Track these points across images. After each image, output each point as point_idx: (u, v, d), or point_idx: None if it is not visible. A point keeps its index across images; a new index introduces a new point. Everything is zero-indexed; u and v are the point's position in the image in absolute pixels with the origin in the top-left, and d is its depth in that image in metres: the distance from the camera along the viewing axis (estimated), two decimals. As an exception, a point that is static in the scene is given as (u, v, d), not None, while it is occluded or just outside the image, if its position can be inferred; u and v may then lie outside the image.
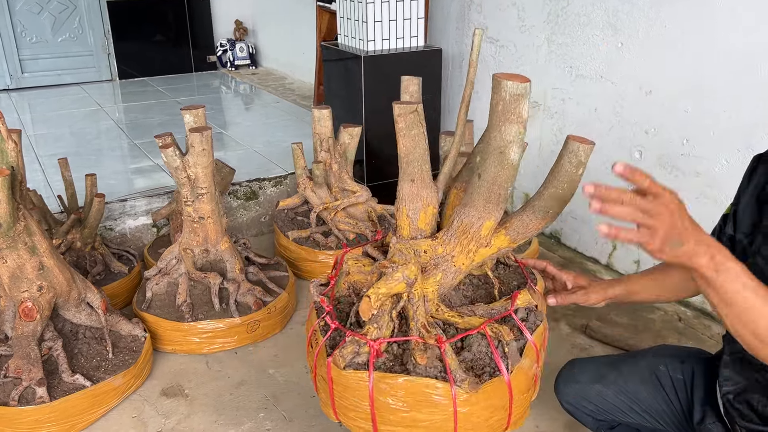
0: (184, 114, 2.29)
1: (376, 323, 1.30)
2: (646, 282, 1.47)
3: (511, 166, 1.23)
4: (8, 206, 1.78)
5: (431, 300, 1.35)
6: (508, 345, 1.31)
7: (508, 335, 1.30)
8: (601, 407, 1.51)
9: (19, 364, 1.92)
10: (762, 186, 1.28)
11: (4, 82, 5.71)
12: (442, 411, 1.26)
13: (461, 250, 1.32)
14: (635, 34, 2.66)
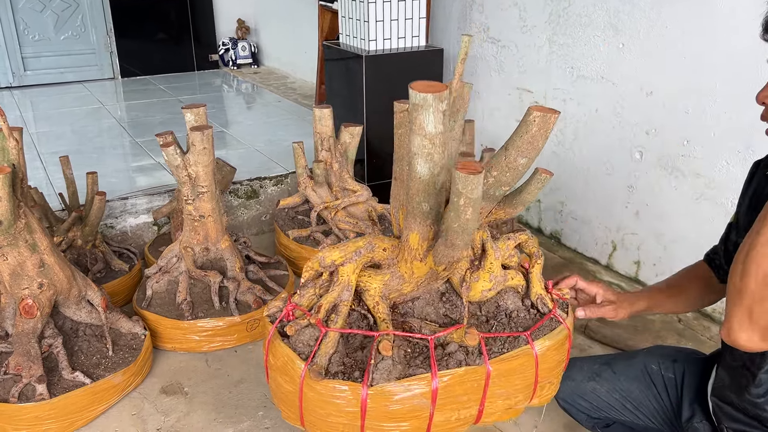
0: (185, 113, 2.29)
1: (301, 290, 1.37)
2: (666, 296, 1.51)
3: (418, 180, 1.13)
4: (9, 204, 1.79)
5: (372, 295, 1.33)
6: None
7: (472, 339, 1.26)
8: (595, 405, 1.53)
9: (20, 361, 1.93)
10: (757, 192, 1.30)
11: (7, 80, 5.72)
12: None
13: (402, 257, 1.30)
14: (636, 35, 2.66)
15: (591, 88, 2.93)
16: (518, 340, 1.30)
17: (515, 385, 1.30)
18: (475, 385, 1.25)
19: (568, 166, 3.13)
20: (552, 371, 1.35)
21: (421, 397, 1.21)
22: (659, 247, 2.76)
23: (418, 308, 1.39)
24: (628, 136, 2.79)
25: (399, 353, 1.27)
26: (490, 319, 1.38)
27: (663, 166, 2.67)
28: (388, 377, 1.21)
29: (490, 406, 1.29)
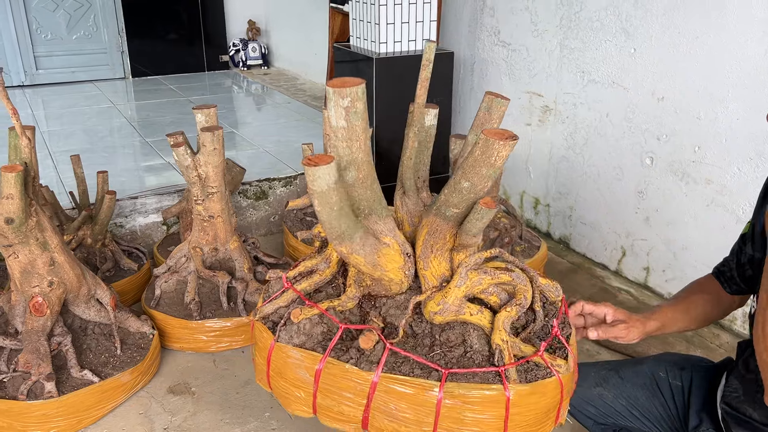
0: (195, 113, 2.30)
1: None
2: (677, 314, 1.50)
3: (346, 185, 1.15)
4: (21, 202, 1.80)
5: (349, 276, 1.35)
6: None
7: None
8: (601, 411, 1.52)
9: (29, 358, 1.93)
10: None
11: (19, 79, 5.76)
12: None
13: None
14: (648, 40, 2.65)
15: (602, 93, 2.92)
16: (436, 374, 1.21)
17: (405, 412, 1.21)
18: (359, 389, 1.21)
19: (578, 170, 3.12)
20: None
21: (305, 371, 1.24)
22: (669, 253, 2.75)
23: (386, 307, 1.34)
24: (639, 141, 2.78)
25: (315, 329, 1.28)
26: (444, 345, 1.28)
27: (674, 172, 2.65)
28: (288, 340, 1.26)
29: (375, 421, 1.24)
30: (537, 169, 3.39)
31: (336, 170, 1.06)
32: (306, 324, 1.28)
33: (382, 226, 1.23)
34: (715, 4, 2.38)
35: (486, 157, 1.07)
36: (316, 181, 1.03)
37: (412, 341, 1.29)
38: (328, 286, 1.42)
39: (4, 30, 5.63)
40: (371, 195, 1.19)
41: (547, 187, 3.35)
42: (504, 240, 2.81)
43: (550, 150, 3.28)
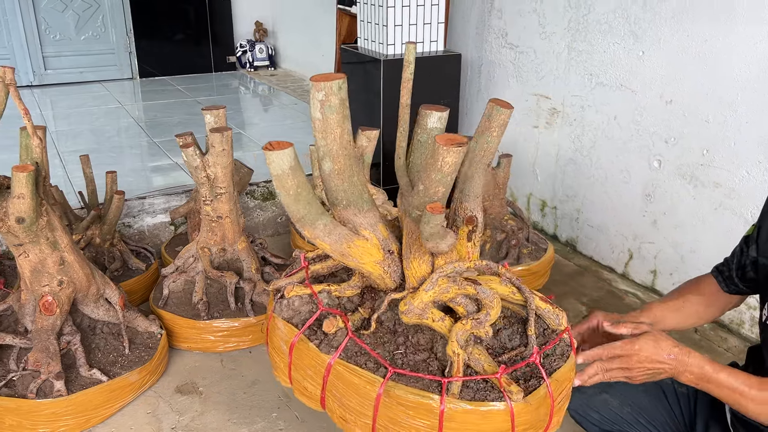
0: (205, 114, 2.31)
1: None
2: (667, 312, 1.50)
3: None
4: (32, 201, 1.81)
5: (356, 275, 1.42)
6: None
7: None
8: (606, 417, 1.52)
9: (38, 357, 1.95)
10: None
11: (28, 79, 5.80)
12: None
13: None
14: (657, 43, 2.65)
15: (610, 95, 2.92)
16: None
17: (350, 400, 1.24)
18: (317, 369, 1.28)
19: (585, 173, 3.12)
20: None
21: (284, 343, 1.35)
22: (676, 256, 2.74)
23: (380, 301, 1.37)
24: (646, 144, 2.78)
25: (304, 307, 1.36)
26: (412, 346, 1.30)
27: (682, 176, 2.65)
28: (279, 313, 1.35)
29: (329, 402, 1.30)
30: (544, 171, 3.39)
31: (292, 157, 1.10)
32: (296, 301, 1.34)
33: (361, 219, 1.25)
34: (724, 8, 2.37)
35: (434, 161, 1.08)
36: (272, 165, 1.09)
37: (388, 337, 1.31)
38: (344, 272, 1.46)
39: (13, 30, 5.66)
40: (349, 187, 1.22)
41: (554, 190, 3.35)
42: (511, 242, 2.81)
43: (557, 152, 3.28)
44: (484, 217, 2.82)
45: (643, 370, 1.25)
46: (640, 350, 1.24)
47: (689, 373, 1.23)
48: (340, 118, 1.13)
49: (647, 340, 1.25)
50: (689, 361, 1.23)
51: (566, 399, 1.30)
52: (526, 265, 2.76)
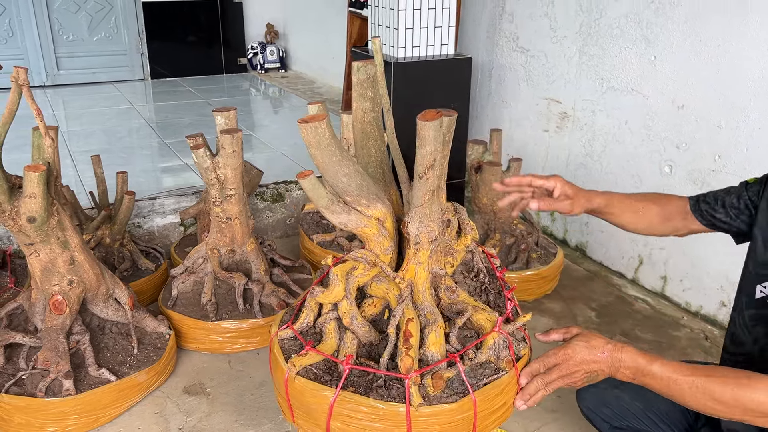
0: (215, 115, 2.31)
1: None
2: (625, 206, 1.54)
3: None
4: (43, 201, 1.82)
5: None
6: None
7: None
8: (617, 412, 1.52)
9: (48, 356, 1.95)
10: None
11: (41, 79, 5.84)
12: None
13: None
14: (669, 48, 2.64)
15: (621, 100, 2.90)
16: None
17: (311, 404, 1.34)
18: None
19: (595, 177, 3.11)
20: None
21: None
22: (686, 262, 2.72)
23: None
24: (657, 149, 2.76)
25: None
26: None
27: (693, 181, 2.63)
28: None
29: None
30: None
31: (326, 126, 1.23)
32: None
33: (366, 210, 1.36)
34: (738, 12, 2.36)
35: (418, 139, 1.25)
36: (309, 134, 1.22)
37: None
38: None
39: (26, 31, 5.71)
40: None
41: (564, 194, 3.33)
42: (520, 246, 2.80)
43: (567, 156, 3.27)
44: (494, 220, 2.81)
45: (582, 373, 1.26)
46: (574, 354, 1.26)
47: (625, 368, 1.23)
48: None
49: (579, 342, 1.27)
50: (622, 357, 1.24)
51: (495, 418, 1.33)
52: (536, 269, 2.75)
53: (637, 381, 1.23)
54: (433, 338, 1.31)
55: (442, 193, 1.38)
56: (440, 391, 1.26)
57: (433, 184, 1.27)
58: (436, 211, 1.32)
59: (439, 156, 1.24)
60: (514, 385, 1.33)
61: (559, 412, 2.11)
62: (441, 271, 1.40)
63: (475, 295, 1.51)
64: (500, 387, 1.31)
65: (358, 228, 1.36)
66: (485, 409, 1.29)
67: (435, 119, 1.16)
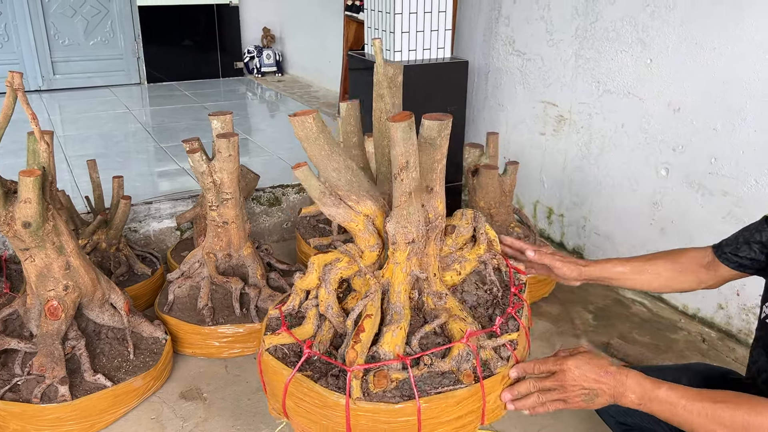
0: (211, 119, 2.31)
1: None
2: (627, 269, 1.50)
3: None
4: (38, 206, 1.82)
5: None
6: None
7: None
8: (623, 408, 1.51)
9: (43, 361, 1.94)
10: None
11: (36, 83, 5.83)
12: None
13: None
14: (665, 51, 2.64)
15: (617, 103, 2.91)
16: None
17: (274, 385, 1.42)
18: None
19: (592, 180, 3.11)
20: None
21: None
22: (684, 265, 2.72)
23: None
24: (654, 152, 2.77)
25: None
26: None
27: (689, 184, 2.64)
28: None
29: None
30: (551, 178, 3.38)
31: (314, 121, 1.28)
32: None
33: (355, 206, 1.38)
34: (733, 16, 2.36)
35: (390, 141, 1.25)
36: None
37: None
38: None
39: (22, 35, 5.70)
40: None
41: (561, 197, 3.34)
42: (517, 250, 2.79)
43: (564, 159, 3.27)
44: (491, 224, 2.80)
45: (579, 390, 1.20)
46: (575, 367, 1.20)
47: (631, 392, 1.17)
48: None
49: (581, 357, 1.22)
50: (628, 382, 1.18)
51: (447, 429, 1.31)
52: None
53: (643, 407, 1.18)
54: (389, 337, 1.31)
55: (438, 197, 1.37)
56: (382, 390, 1.25)
57: (409, 186, 1.27)
58: (414, 213, 1.32)
59: (414, 158, 1.24)
60: (474, 401, 1.28)
61: (556, 418, 2.11)
62: (422, 274, 1.39)
63: (483, 307, 1.49)
64: (455, 399, 1.26)
65: (345, 222, 1.38)
66: (432, 418, 1.25)
67: (404, 120, 1.18)
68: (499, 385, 1.30)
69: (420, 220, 1.34)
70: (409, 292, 1.40)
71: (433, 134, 1.28)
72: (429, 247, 1.39)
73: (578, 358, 1.22)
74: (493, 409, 1.31)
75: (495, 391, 1.30)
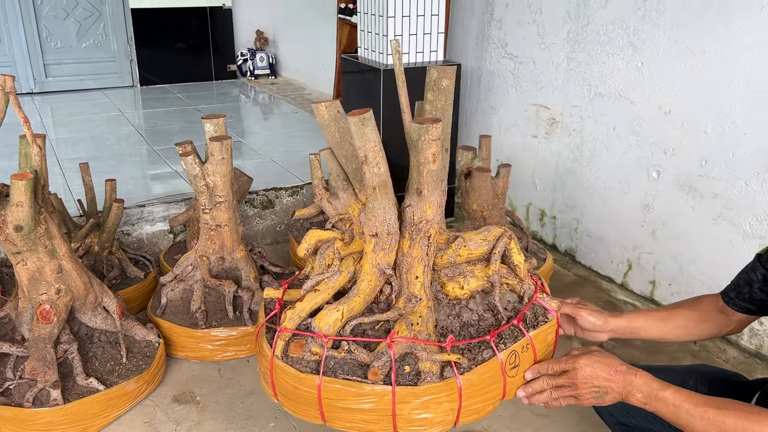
0: (204, 123, 2.31)
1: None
2: (651, 321, 1.50)
3: None
4: (30, 209, 1.81)
5: None
6: None
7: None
8: (626, 409, 1.53)
9: (35, 365, 1.94)
10: None
11: (29, 86, 5.81)
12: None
13: None
14: (656, 54, 2.66)
15: (609, 106, 2.92)
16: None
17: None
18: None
19: (584, 183, 3.12)
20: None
21: None
22: (675, 267, 2.74)
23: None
24: (645, 155, 2.78)
25: None
26: None
27: (680, 186, 2.65)
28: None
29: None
30: (543, 181, 3.39)
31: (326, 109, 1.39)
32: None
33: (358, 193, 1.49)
34: (723, 19, 2.38)
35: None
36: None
37: None
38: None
39: (14, 37, 5.68)
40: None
41: (554, 200, 3.35)
42: (510, 252, 2.80)
43: (556, 162, 3.28)
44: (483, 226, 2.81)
45: (590, 387, 1.26)
46: (586, 365, 1.26)
47: (638, 392, 1.23)
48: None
49: (593, 356, 1.27)
50: (636, 381, 1.23)
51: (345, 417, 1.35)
52: (525, 275, 2.76)
53: (648, 407, 1.23)
54: (323, 314, 1.37)
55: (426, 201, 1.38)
56: (301, 357, 1.34)
57: (371, 180, 1.30)
58: (379, 208, 1.34)
59: (372, 153, 1.27)
60: (381, 402, 1.28)
61: (551, 418, 2.12)
62: (388, 270, 1.40)
63: (474, 327, 1.43)
64: (355, 390, 1.29)
65: (346, 206, 1.46)
66: (333, 399, 1.31)
67: (357, 116, 1.24)
68: (412, 397, 1.28)
69: (386, 217, 1.35)
70: (374, 283, 1.41)
71: (414, 137, 1.30)
72: (414, 249, 1.39)
73: (590, 357, 1.27)
74: (408, 420, 1.29)
75: (407, 402, 1.28)
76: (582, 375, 1.26)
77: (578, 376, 1.26)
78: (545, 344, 1.42)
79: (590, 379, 1.26)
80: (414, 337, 1.32)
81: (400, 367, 1.31)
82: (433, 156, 1.32)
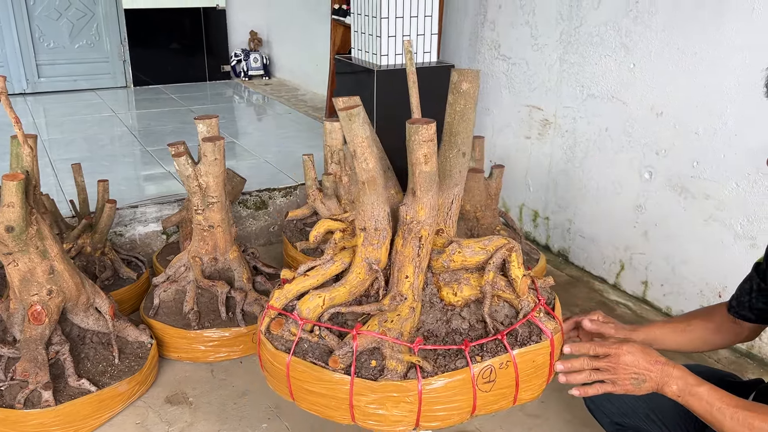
0: (197, 123, 2.31)
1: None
2: (668, 332, 1.53)
3: None
4: (22, 210, 1.81)
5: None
6: None
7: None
8: (620, 409, 1.54)
9: (27, 367, 1.93)
10: None
11: (21, 87, 5.78)
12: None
13: None
14: (648, 56, 2.67)
15: (601, 107, 2.94)
16: None
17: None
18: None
19: (577, 184, 3.14)
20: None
21: None
22: (667, 267, 2.75)
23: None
24: (637, 156, 2.80)
25: None
26: None
27: (672, 187, 2.67)
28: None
29: None
30: (536, 182, 3.40)
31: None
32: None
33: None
34: (714, 21, 2.40)
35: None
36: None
37: None
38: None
39: (6, 38, 5.65)
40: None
41: (547, 200, 3.36)
42: (503, 253, 2.81)
43: (549, 163, 3.29)
44: (477, 226, 2.82)
45: (629, 374, 1.27)
46: (629, 352, 1.27)
47: (674, 384, 1.25)
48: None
49: (635, 344, 1.29)
50: (674, 372, 1.26)
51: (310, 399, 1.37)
52: (518, 275, 2.76)
53: (681, 399, 1.25)
54: (306, 299, 1.40)
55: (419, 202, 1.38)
56: (280, 335, 1.38)
57: (361, 175, 1.33)
58: (368, 202, 1.36)
59: (361, 149, 1.29)
60: (340, 391, 1.30)
61: (542, 418, 2.13)
62: (374, 266, 1.41)
63: (459, 334, 1.41)
64: (317, 374, 1.32)
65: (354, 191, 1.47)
66: (299, 380, 1.35)
67: (346, 110, 1.28)
68: (369, 391, 1.28)
69: (374, 212, 1.36)
70: (362, 276, 1.42)
71: (406, 137, 1.31)
72: (406, 248, 1.39)
73: (633, 345, 1.29)
74: (365, 413, 1.30)
75: (364, 395, 1.29)
76: (624, 361, 1.27)
77: (620, 362, 1.28)
78: (532, 365, 1.35)
79: (631, 366, 1.27)
80: (382, 333, 1.32)
81: (366, 361, 1.32)
82: (424, 157, 1.30)
